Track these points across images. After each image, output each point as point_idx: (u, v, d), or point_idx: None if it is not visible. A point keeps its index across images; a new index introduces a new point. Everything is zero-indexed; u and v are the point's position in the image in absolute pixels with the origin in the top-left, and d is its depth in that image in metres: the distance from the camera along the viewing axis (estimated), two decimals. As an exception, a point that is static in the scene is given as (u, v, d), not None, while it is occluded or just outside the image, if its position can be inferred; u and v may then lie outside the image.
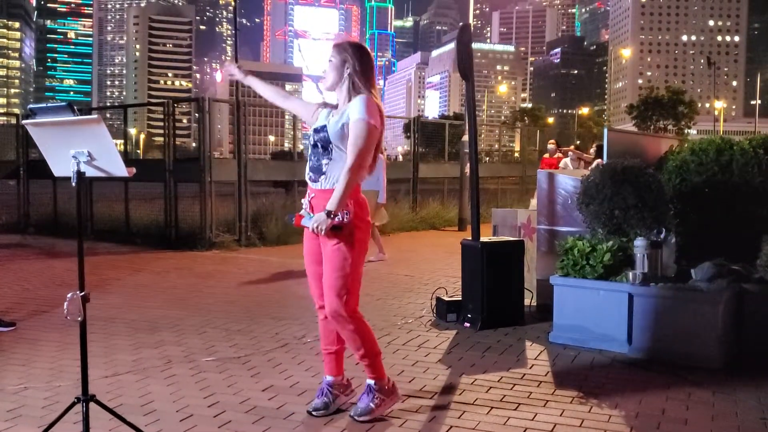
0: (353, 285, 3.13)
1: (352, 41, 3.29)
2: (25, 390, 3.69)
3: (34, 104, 2.50)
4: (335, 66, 3.14)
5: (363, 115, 3.00)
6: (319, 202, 3.10)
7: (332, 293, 3.10)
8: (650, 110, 73.03)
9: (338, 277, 3.09)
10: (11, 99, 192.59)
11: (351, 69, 3.10)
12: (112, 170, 2.49)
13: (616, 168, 4.76)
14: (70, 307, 2.53)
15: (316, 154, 3.15)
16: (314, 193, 3.15)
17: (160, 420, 3.25)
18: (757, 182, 5.17)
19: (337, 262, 3.08)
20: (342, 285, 3.09)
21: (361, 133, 3.00)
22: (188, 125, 30.25)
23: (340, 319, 3.12)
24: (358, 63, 3.11)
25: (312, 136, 3.19)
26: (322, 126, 3.15)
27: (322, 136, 3.12)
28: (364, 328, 3.19)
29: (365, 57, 3.15)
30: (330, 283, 3.11)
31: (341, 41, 3.27)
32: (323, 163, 3.12)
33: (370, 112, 3.00)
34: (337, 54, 3.14)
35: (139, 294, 6.54)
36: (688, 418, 3.33)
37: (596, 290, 4.54)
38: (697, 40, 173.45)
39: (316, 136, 3.15)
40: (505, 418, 3.30)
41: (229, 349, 4.53)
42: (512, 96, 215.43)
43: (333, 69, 3.15)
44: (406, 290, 6.68)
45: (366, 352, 3.20)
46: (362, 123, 3.00)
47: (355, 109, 3.03)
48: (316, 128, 3.19)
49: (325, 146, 3.10)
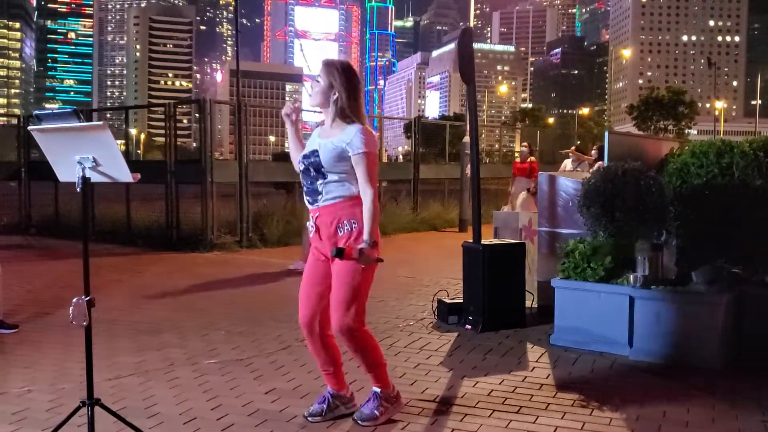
0: (362, 299, 3.16)
1: (340, 62, 3.22)
2: (29, 393, 3.71)
3: (40, 110, 2.52)
4: (322, 90, 3.14)
5: (366, 148, 3.07)
6: (325, 219, 3.13)
7: (342, 308, 3.12)
8: (651, 110, 73.04)
9: (348, 290, 3.10)
10: (12, 99, 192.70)
11: (338, 95, 3.11)
12: (117, 176, 2.51)
13: (617, 171, 4.78)
14: (75, 312, 2.55)
15: (309, 177, 3.17)
16: (318, 212, 3.16)
17: (164, 423, 3.27)
18: (757, 185, 5.18)
19: (347, 277, 3.10)
20: (352, 298, 3.11)
21: (369, 164, 3.08)
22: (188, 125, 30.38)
23: (348, 334, 3.14)
24: (345, 89, 3.11)
25: (301, 162, 3.21)
26: (312, 151, 3.16)
27: (313, 161, 3.13)
28: (370, 342, 3.23)
29: (353, 80, 3.15)
30: (340, 296, 3.12)
31: (330, 60, 3.23)
32: (318, 185, 3.14)
33: (370, 145, 3.08)
34: (325, 76, 3.13)
35: (141, 296, 6.55)
36: (689, 421, 3.35)
37: (597, 293, 4.56)
38: (697, 40, 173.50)
39: (306, 161, 3.17)
40: (506, 422, 3.32)
41: (231, 352, 4.55)
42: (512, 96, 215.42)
43: (320, 92, 3.15)
44: (408, 292, 6.70)
45: (371, 364, 3.25)
46: (367, 156, 3.08)
47: (356, 143, 3.06)
48: (305, 154, 3.20)
49: (317, 169, 3.12)
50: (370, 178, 3.08)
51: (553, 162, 20.59)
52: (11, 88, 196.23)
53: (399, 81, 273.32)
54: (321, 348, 3.29)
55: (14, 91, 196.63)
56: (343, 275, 3.11)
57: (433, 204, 14.17)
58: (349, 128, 3.10)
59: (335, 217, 3.10)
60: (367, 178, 3.08)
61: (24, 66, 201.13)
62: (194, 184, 10.26)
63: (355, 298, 3.11)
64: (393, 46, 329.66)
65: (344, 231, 3.09)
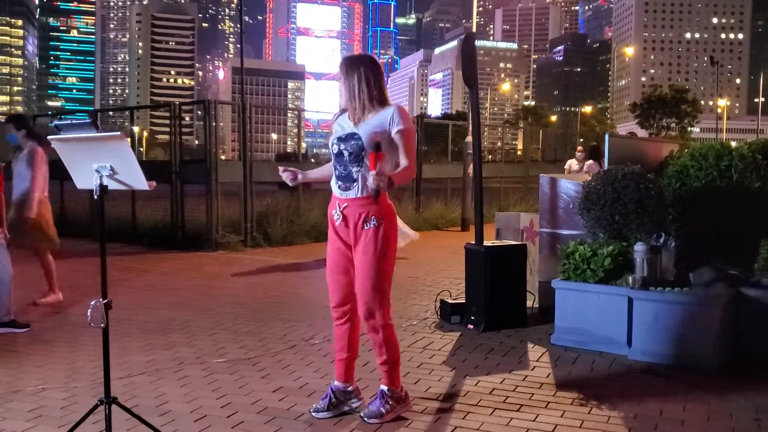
0: (387, 287, 3.25)
1: (359, 54, 3.33)
2: (43, 391, 3.81)
3: (59, 121, 2.62)
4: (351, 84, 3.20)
5: (406, 124, 3.19)
6: (354, 211, 3.20)
7: (368, 295, 3.20)
8: (653, 109, 72.98)
9: (371, 278, 3.18)
10: (14, 97, 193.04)
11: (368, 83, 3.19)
12: (133, 184, 2.61)
13: (617, 174, 4.87)
14: (93, 315, 2.65)
15: (343, 162, 3.22)
16: (347, 202, 3.22)
17: (176, 421, 3.37)
18: (756, 187, 5.28)
19: (370, 261, 3.18)
20: (376, 284, 3.19)
21: (409, 139, 3.21)
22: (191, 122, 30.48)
23: (375, 323, 3.24)
24: (374, 75, 3.22)
25: (337, 145, 3.24)
26: (351, 133, 3.21)
27: (353, 144, 3.18)
28: (393, 336, 3.33)
29: (377, 67, 3.27)
30: (366, 285, 3.20)
31: (349, 55, 3.35)
32: (353, 171, 3.20)
33: (408, 121, 3.21)
34: (351, 71, 3.21)
35: (148, 295, 6.67)
36: (685, 419, 3.44)
37: (597, 294, 4.66)
38: (700, 38, 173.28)
39: (345, 144, 3.21)
40: (507, 419, 3.42)
41: (239, 351, 4.65)
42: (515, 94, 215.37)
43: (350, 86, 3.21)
44: (411, 292, 6.80)
45: (389, 359, 3.33)
46: (407, 132, 3.20)
47: (396, 120, 3.17)
48: (341, 137, 3.24)
49: (357, 154, 3.18)
50: (410, 152, 3.20)
51: (555, 161, 20.72)
52: (14, 85, 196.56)
53: (401, 78, 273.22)
54: (346, 333, 3.38)
55: (17, 88, 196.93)
56: (366, 264, 3.19)
57: (435, 203, 14.27)
58: (385, 110, 3.21)
59: (364, 210, 3.18)
60: (407, 152, 3.19)
61: (26, 63, 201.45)
62: (199, 184, 10.37)
63: (380, 286, 3.20)
64: (395, 44, 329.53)
65: (370, 226, 3.18)
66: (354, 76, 3.21)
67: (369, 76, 3.21)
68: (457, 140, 15.80)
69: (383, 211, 3.20)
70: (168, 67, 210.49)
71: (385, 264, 3.22)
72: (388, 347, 3.31)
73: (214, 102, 10.56)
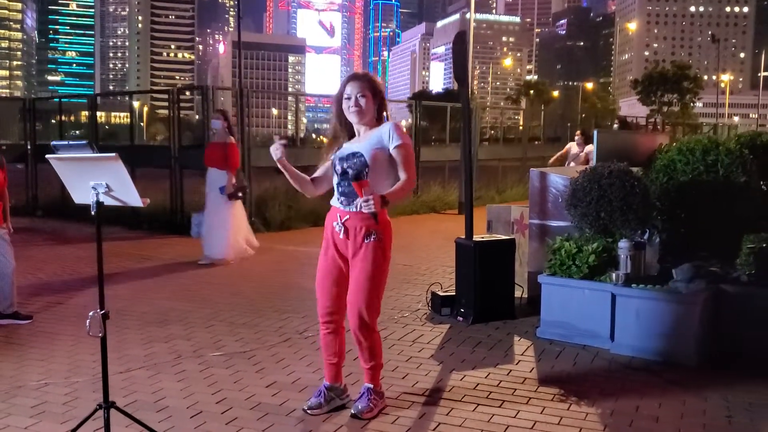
0: (379, 296, 3.42)
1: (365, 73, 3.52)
2: (45, 386, 3.97)
3: (57, 141, 2.74)
4: (373, 103, 3.39)
5: (403, 139, 3.34)
6: (355, 224, 3.35)
7: (362, 303, 3.35)
8: (655, 85, 72.59)
9: (367, 288, 3.34)
10: (14, 71, 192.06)
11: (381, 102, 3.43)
12: (128, 200, 2.74)
13: (603, 172, 4.98)
14: (91, 325, 2.79)
15: (347, 179, 3.34)
16: (349, 215, 3.36)
17: (173, 417, 3.53)
18: (741, 182, 5.38)
19: (366, 273, 3.33)
20: (371, 294, 3.35)
21: (407, 154, 3.36)
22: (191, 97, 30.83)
23: (364, 330, 3.40)
24: (381, 96, 3.43)
25: (340, 164, 3.38)
26: (353, 152, 3.35)
27: (356, 162, 3.32)
28: (379, 342, 3.52)
29: (382, 87, 3.50)
30: (359, 294, 3.35)
31: (362, 74, 3.48)
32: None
33: (405, 137, 3.36)
34: (377, 90, 3.41)
35: (147, 284, 6.82)
36: (659, 416, 3.60)
37: (581, 289, 4.80)
38: (704, 11, 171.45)
39: (346, 164, 3.35)
40: (489, 416, 3.58)
41: (235, 344, 4.81)
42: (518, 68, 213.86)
43: (371, 104, 3.39)
44: (404, 281, 6.94)
45: (375, 364, 3.53)
46: (405, 147, 3.35)
47: (394, 136, 3.33)
48: (342, 157, 3.39)
49: (360, 171, 3.28)
50: (409, 166, 3.34)
51: (556, 140, 20.75)
52: (13, 60, 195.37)
53: (403, 52, 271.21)
54: (334, 340, 3.55)
55: (16, 62, 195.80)
56: (363, 275, 3.34)
57: (433, 186, 14.37)
58: (381, 127, 3.38)
59: (365, 224, 3.33)
60: (405, 167, 3.33)
61: (25, 38, 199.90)
62: (198, 169, 10.45)
63: (374, 292, 3.36)
64: (397, 17, 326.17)
65: (370, 240, 3.33)
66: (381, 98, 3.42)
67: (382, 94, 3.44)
68: (456, 117, 15.84)
69: (383, 226, 3.36)
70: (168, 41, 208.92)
71: (381, 276, 3.39)
72: (373, 353, 3.49)
73: (212, 87, 10.64)
